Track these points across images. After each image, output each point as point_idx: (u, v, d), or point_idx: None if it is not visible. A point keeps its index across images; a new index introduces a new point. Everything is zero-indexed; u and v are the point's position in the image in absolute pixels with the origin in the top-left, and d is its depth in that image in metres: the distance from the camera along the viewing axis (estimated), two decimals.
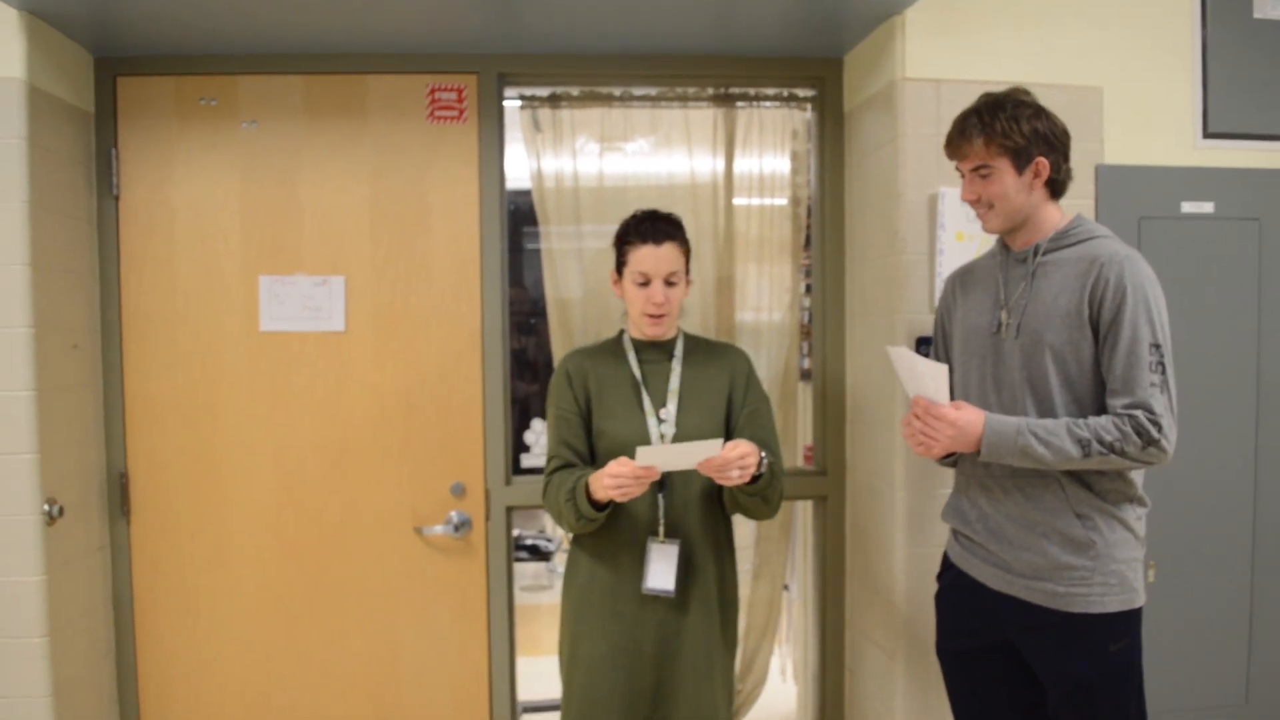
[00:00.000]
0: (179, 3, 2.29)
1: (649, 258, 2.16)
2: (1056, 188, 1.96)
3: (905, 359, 1.98)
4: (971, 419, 1.88)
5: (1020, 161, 1.90)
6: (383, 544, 2.74)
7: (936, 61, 2.45)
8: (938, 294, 2.43)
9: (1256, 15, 2.60)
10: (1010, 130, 1.88)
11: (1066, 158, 1.95)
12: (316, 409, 2.71)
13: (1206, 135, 2.59)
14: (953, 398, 2.08)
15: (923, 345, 2.43)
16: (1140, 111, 2.54)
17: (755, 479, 2.06)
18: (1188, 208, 2.56)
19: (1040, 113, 1.91)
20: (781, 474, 2.21)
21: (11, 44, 2.29)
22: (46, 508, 2.33)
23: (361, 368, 2.72)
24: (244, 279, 2.69)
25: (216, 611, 2.72)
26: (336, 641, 2.74)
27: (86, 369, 2.59)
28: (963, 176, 1.99)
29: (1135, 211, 2.52)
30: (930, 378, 1.91)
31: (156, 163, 2.67)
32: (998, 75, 2.28)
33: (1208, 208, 2.57)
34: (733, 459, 1.97)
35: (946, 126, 2.41)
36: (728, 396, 2.25)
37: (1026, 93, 1.94)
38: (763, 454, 2.06)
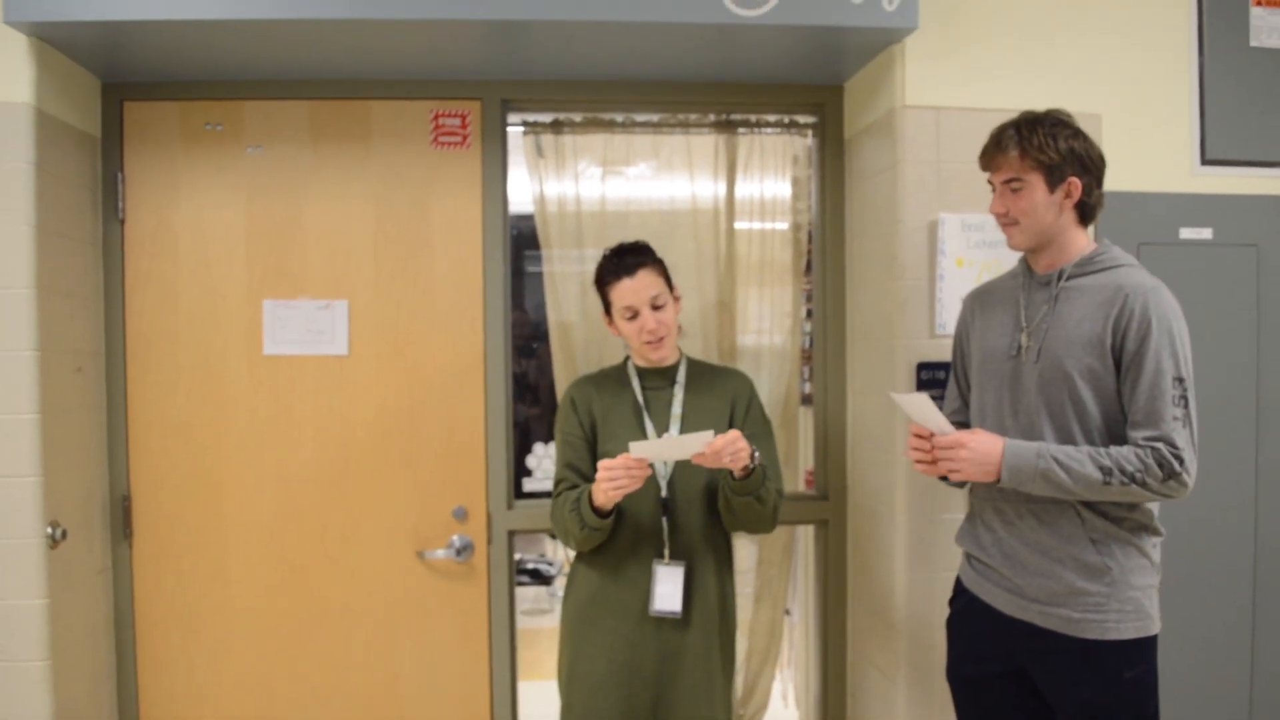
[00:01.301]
0: (186, 30, 2.31)
1: (628, 291, 2.20)
2: (1087, 212, 1.95)
3: (906, 402, 1.96)
4: (988, 443, 1.87)
5: (1053, 179, 1.89)
6: (385, 568, 2.74)
7: (936, 89, 2.47)
8: (938, 320, 2.45)
9: (1253, 44, 2.62)
10: (1046, 145, 1.88)
11: (1099, 183, 1.94)
12: (319, 433, 2.72)
13: (1204, 162, 2.61)
14: (969, 420, 2.08)
15: (924, 371, 2.44)
16: (1138, 138, 2.56)
17: (747, 476, 2.08)
18: (1186, 234, 2.58)
19: (1079, 134, 1.91)
20: (781, 495, 2.23)
21: (20, 69, 2.30)
22: (49, 530, 2.33)
23: (364, 391, 2.72)
24: (248, 303, 2.70)
25: (217, 633, 2.71)
26: (338, 665, 2.73)
27: (91, 392, 2.59)
28: (993, 190, 1.99)
29: (1134, 237, 2.53)
30: (925, 409, 1.91)
31: (162, 187, 2.69)
32: (997, 103, 2.30)
33: (1206, 234, 2.59)
34: (721, 447, 1.98)
35: (946, 153, 2.44)
36: (729, 421, 2.26)
37: (1067, 114, 1.94)
38: (753, 448, 2.07)
